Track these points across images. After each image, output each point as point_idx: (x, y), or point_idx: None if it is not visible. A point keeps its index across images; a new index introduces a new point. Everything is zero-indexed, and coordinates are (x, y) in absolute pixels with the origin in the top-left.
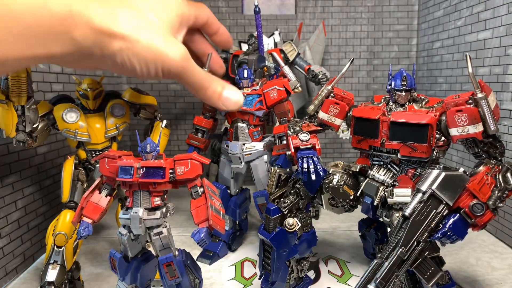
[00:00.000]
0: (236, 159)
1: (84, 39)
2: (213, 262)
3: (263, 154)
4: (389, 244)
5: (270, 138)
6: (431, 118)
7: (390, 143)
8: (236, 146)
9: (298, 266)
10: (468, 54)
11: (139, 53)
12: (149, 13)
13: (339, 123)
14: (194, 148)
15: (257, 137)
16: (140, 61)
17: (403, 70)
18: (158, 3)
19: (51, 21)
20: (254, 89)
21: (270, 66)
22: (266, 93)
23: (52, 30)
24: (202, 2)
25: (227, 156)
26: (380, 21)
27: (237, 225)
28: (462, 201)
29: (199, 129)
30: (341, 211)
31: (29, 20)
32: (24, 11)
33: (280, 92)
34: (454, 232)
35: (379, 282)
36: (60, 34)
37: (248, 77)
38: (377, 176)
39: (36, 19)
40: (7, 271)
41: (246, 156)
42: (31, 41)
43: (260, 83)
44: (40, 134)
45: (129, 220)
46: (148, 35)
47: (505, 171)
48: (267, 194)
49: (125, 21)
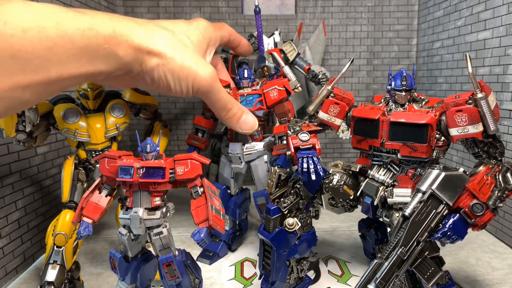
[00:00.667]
0: (236, 159)
1: (125, 56)
2: (213, 262)
3: (263, 154)
4: (389, 244)
5: (270, 138)
6: (431, 118)
7: (390, 143)
8: (236, 146)
9: (298, 266)
10: (468, 54)
11: (174, 70)
12: (182, 36)
13: (339, 123)
14: (194, 148)
15: (257, 137)
16: (175, 78)
17: (403, 70)
18: (190, 28)
19: (98, 41)
20: (254, 89)
21: (270, 66)
22: (266, 93)
23: (99, 49)
24: (202, 2)
25: (227, 156)
26: (380, 21)
27: (237, 225)
28: (462, 201)
29: (199, 129)
30: (341, 211)
31: (81, 41)
32: (77, 34)
33: (280, 92)
34: (454, 232)
35: (379, 282)
36: (105, 52)
37: (248, 77)
38: (377, 176)
39: (86, 40)
40: (7, 271)
41: (246, 156)
42: (82, 60)
43: (260, 83)
44: (40, 134)
45: (129, 220)
46: (182, 55)
47: (505, 171)
48: (267, 194)
49: (162, 41)
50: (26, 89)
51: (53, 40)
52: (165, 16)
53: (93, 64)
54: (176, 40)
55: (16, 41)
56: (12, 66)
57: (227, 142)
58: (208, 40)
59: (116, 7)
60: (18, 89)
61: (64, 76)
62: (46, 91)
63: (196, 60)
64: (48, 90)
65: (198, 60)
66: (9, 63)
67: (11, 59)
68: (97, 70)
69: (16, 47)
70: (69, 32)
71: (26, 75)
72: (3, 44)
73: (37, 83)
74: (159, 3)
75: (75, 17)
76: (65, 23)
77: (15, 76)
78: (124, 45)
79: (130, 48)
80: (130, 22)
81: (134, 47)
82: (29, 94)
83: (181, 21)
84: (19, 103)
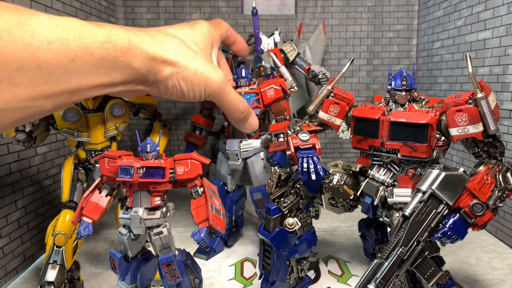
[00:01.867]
0: (234, 156)
1: (141, 67)
2: (210, 257)
3: (259, 151)
4: (389, 244)
5: (266, 136)
6: (431, 118)
7: (390, 143)
8: (233, 143)
9: (298, 266)
10: (468, 54)
11: (187, 78)
12: (191, 43)
13: (339, 123)
14: (192, 145)
15: (253, 135)
16: (188, 85)
17: (403, 70)
18: (195, 33)
19: (115, 53)
20: (251, 88)
21: (266, 66)
22: (263, 92)
23: (116, 61)
24: (202, 2)
25: (225, 153)
26: (380, 21)
27: (233, 221)
28: (462, 201)
29: (197, 127)
30: (341, 211)
31: (99, 53)
32: (96, 46)
33: (277, 91)
34: (454, 232)
35: (379, 282)
36: (122, 65)
37: (246, 76)
38: (377, 176)
39: (105, 52)
40: (7, 271)
41: (243, 153)
42: (99, 71)
43: (257, 83)
44: (40, 134)
45: (129, 220)
46: (193, 62)
47: (505, 171)
48: (264, 190)
49: (174, 50)
50: (48, 98)
51: (74, 52)
52: (165, 16)
53: (110, 76)
54: (186, 48)
55: (42, 53)
56: (37, 77)
57: (224, 139)
58: (211, 42)
59: (116, 7)
60: (41, 99)
61: (83, 86)
62: (65, 101)
63: (207, 66)
64: (67, 99)
65: (208, 66)
66: (35, 74)
67: (37, 70)
68: (113, 81)
69: (42, 59)
70: (89, 45)
71: (49, 85)
72: (31, 56)
73: (59, 93)
74: (159, 3)
75: (94, 30)
76: (86, 36)
77: (39, 86)
78: (139, 57)
79: (145, 59)
80: (143, 34)
81: (149, 58)
82: (50, 104)
83: (185, 26)
84: (39, 112)
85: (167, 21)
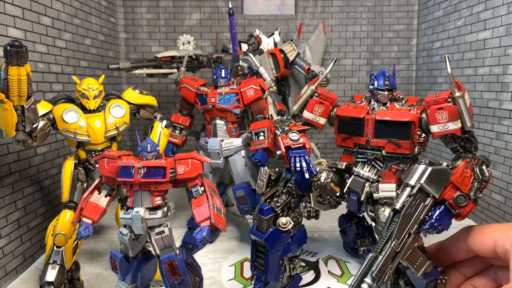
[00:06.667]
0: (215, 155)
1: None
2: (193, 254)
3: (240, 150)
4: (381, 238)
5: (247, 134)
6: (414, 116)
7: (375, 140)
8: (215, 142)
9: (291, 265)
10: (447, 56)
11: None
12: None
13: (323, 122)
14: (172, 145)
15: (234, 134)
16: None
17: (385, 70)
18: None
19: None
20: (231, 88)
21: (243, 66)
22: (243, 92)
23: None
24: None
25: (206, 152)
26: (380, 21)
27: None
28: (446, 193)
29: (177, 126)
30: (327, 207)
31: None
32: None
33: (257, 91)
34: (440, 223)
35: (376, 274)
36: None
37: (225, 77)
38: (362, 172)
39: None
40: (7, 271)
41: (225, 152)
42: None
43: (236, 82)
44: (40, 134)
45: (131, 220)
46: None
47: (481, 164)
48: (246, 187)
49: None
50: None
51: None
52: (165, 16)
53: None
54: None
55: None
56: None
57: (205, 138)
58: None
59: (116, 7)
60: None
61: None
62: None
63: None
64: None
65: None
66: None
67: None
68: None
69: None
70: None
71: None
72: None
73: None
74: (159, 3)
75: None
76: None
77: None
78: None
79: None
80: None
81: None
82: None
83: None
84: None
85: (167, 21)
